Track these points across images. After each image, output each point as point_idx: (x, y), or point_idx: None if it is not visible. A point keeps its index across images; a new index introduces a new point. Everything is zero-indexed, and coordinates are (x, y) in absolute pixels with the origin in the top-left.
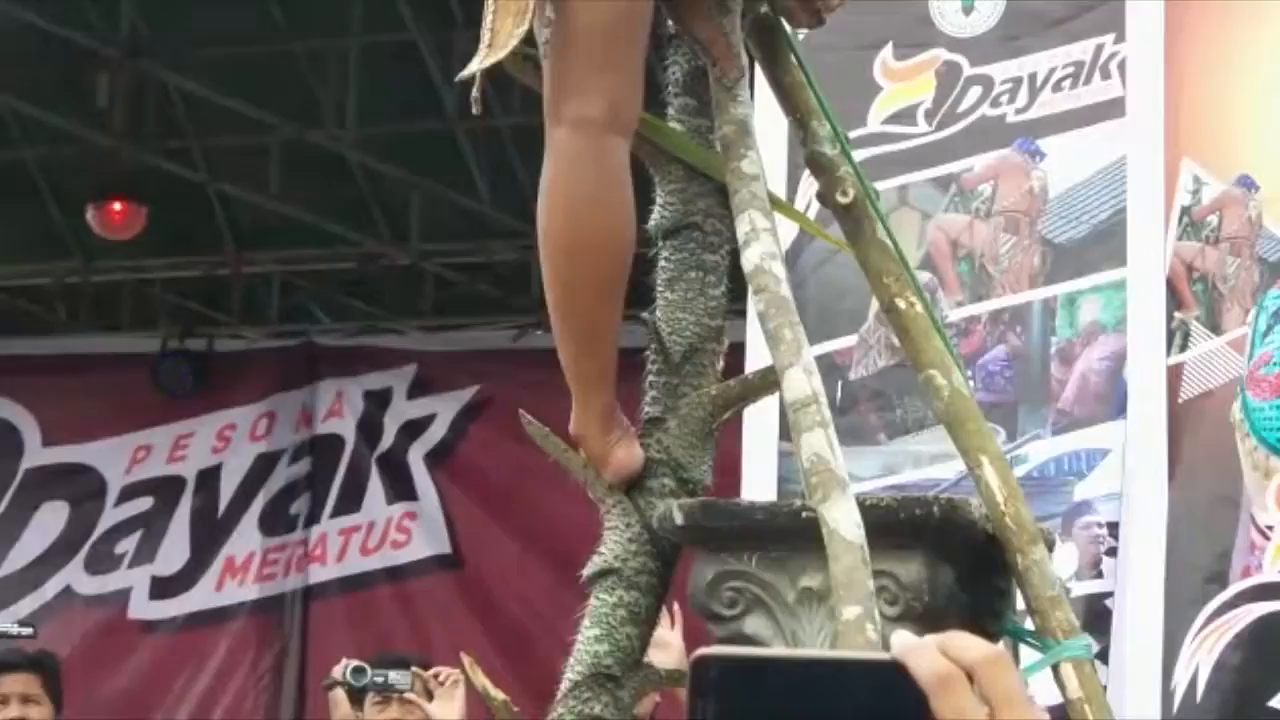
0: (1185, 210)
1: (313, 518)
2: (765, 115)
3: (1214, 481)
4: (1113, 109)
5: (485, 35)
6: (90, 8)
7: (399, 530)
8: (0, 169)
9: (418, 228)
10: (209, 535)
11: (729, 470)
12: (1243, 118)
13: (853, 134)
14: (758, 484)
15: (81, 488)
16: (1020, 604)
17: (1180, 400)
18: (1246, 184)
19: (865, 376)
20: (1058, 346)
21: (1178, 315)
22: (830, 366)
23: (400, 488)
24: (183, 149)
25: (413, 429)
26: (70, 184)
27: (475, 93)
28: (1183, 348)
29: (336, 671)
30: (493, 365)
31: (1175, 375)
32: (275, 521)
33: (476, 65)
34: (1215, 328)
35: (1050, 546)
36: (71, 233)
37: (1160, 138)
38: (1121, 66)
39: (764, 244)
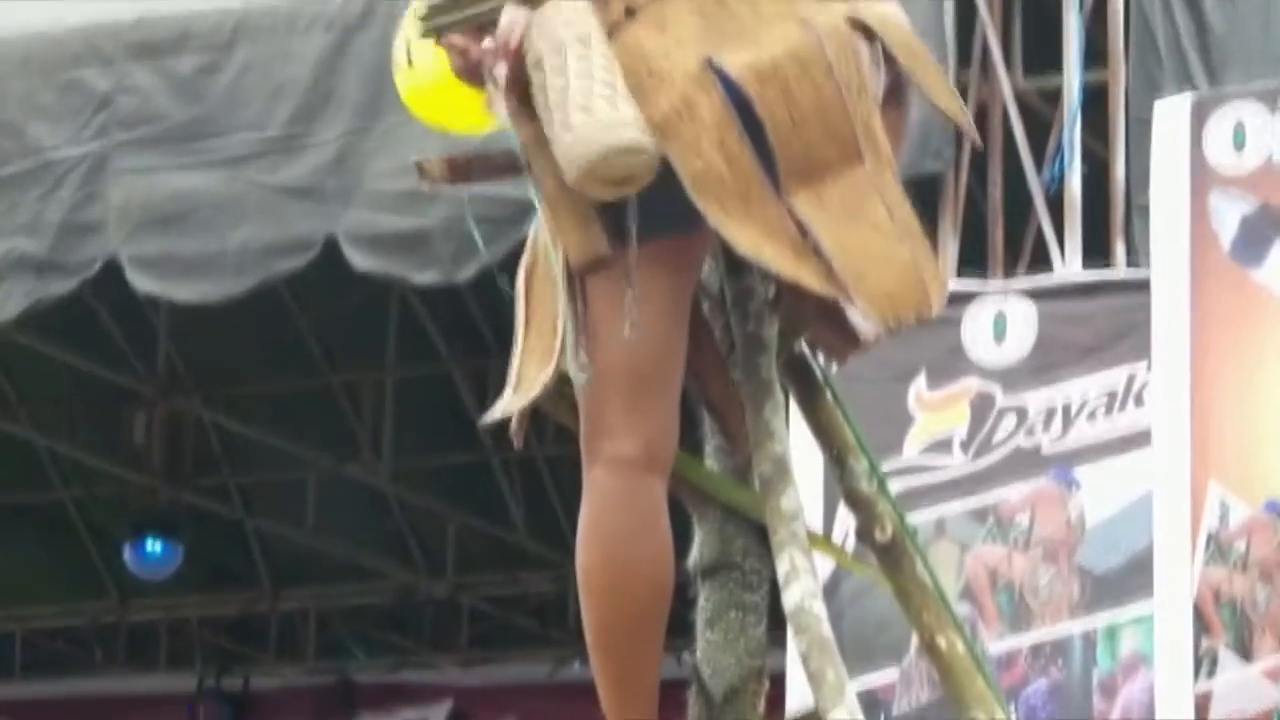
0: (1212, 535)
1: None
2: (800, 444)
3: None
4: (1147, 438)
5: (511, 378)
6: (127, 347)
7: None
8: (37, 509)
9: (454, 560)
10: None
11: None
12: (1271, 442)
13: (889, 465)
14: None
15: None
16: None
17: None
18: (1275, 509)
19: (909, 711)
20: (1099, 679)
21: (1205, 641)
22: (872, 702)
23: None
24: (219, 485)
25: None
26: (107, 523)
27: (514, 425)
28: (1210, 674)
29: None
30: (531, 699)
31: (1203, 703)
32: None
33: (501, 411)
34: (1246, 655)
35: None
36: (108, 572)
37: (1186, 463)
38: None
39: (804, 583)
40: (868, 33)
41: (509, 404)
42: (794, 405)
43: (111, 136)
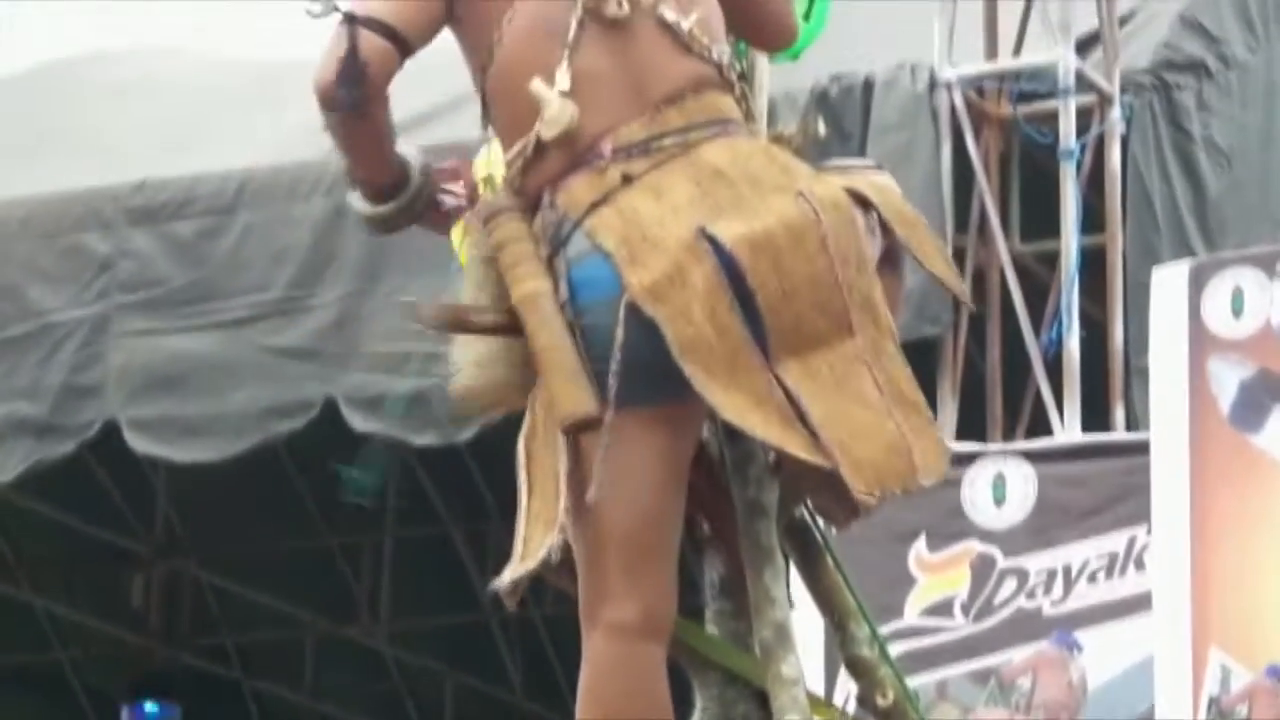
0: (1213, 700)
1: None
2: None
3: None
4: (1148, 601)
5: (518, 545)
6: (125, 508)
7: None
8: (34, 670)
9: None
10: None
11: None
12: (1272, 607)
13: (890, 627)
14: None
15: None
16: None
17: None
18: (1277, 674)
19: None
20: None
21: None
22: None
23: None
24: (217, 646)
25: None
26: (104, 684)
27: (507, 588)
28: None
29: None
30: None
31: None
32: None
33: (509, 576)
34: None
35: None
36: None
37: (1187, 627)
38: None
39: None
40: (864, 202)
41: (515, 571)
42: (794, 570)
43: (112, 299)
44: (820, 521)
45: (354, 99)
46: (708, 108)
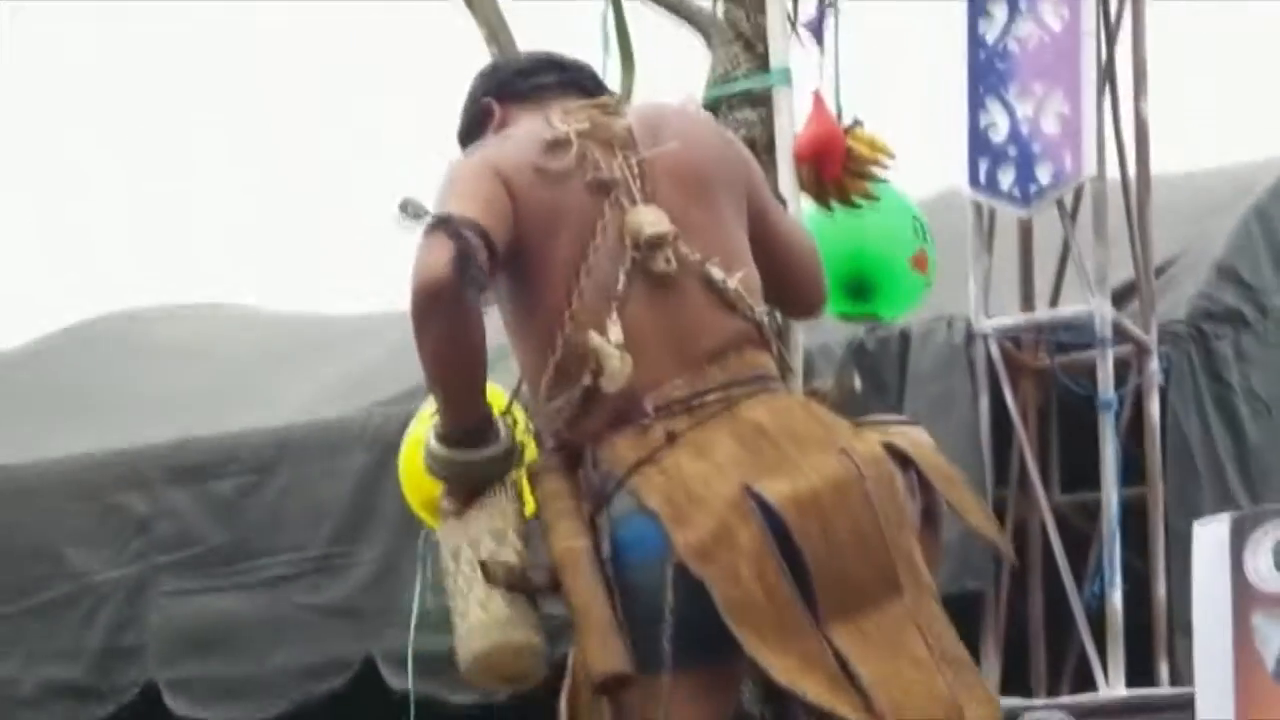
0: None
1: None
2: None
3: None
4: None
5: None
6: None
7: None
8: None
9: None
10: None
11: None
12: None
13: None
14: None
15: None
16: None
17: None
18: None
19: None
20: None
21: None
22: None
23: None
24: None
25: None
26: None
27: None
28: None
29: None
30: None
31: None
32: None
33: None
34: None
35: None
36: None
37: None
38: None
39: None
40: (903, 460)
41: None
42: None
43: (150, 560)
44: None
45: (469, 282)
46: (748, 364)
